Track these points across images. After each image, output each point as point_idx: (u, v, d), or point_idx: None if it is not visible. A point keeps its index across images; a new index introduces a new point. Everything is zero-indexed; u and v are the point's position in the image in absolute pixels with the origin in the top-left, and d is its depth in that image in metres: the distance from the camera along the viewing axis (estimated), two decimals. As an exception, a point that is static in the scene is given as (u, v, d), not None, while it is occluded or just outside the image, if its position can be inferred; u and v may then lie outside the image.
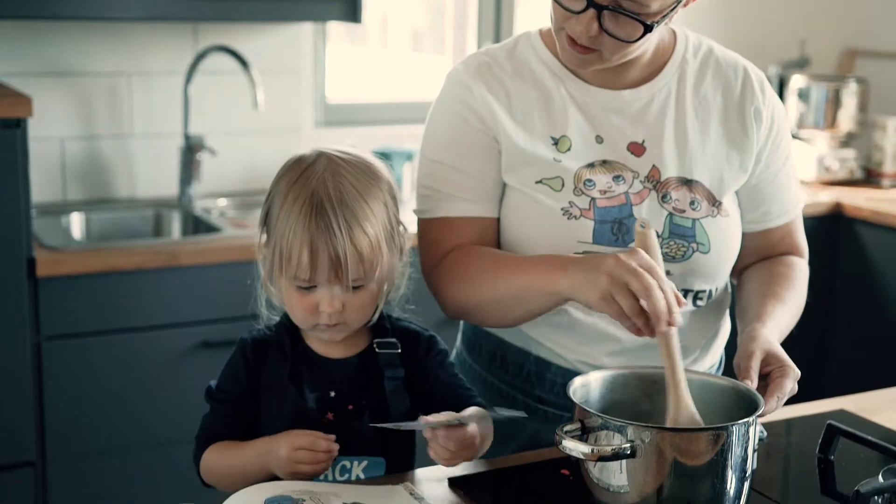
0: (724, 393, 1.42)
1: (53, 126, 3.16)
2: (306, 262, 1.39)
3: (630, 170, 1.60)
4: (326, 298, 1.41)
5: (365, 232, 1.40)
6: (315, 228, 1.39)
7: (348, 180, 1.42)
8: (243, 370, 1.47)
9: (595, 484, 1.31)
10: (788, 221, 1.75)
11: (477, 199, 1.62)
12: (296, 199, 1.41)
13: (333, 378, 1.47)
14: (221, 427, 1.48)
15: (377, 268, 1.42)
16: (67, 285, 2.67)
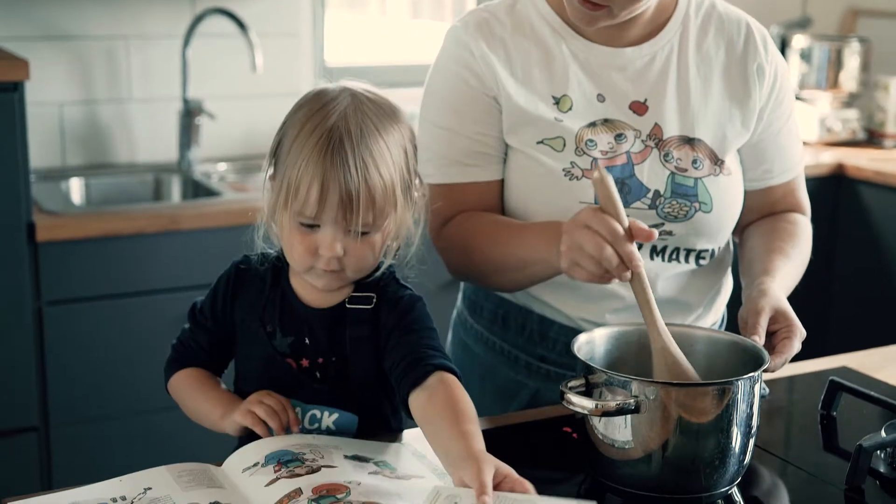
0: (729, 348, 1.42)
1: (51, 91, 3.15)
2: (315, 198, 1.31)
3: (632, 128, 1.59)
4: (328, 241, 1.33)
5: (381, 174, 1.32)
6: (329, 163, 1.30)
7: (370, 119, 1.33)
8: (221, 298, 1.44)
9: (600, 440, 1.31)
10: (790, 179, 1.74)
11: (479, 163, 1.61)
12: (313, 131, 1.32)
13: (307, 325, 1.42)
14: (195, 349, 1.47)
15: (387, 216, 1.35)
16: (67, 250, 2.66)
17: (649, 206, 1.58)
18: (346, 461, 1.32)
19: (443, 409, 1.29)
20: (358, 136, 1.31)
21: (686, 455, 1.28)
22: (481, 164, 1.61)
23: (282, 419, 1.37)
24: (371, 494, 1.23)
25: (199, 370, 1.47)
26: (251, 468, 1.32)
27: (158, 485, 1.29)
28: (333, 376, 1.42)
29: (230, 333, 1.46)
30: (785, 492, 1.40)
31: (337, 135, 1.31)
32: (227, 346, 1.47)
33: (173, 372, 1.48)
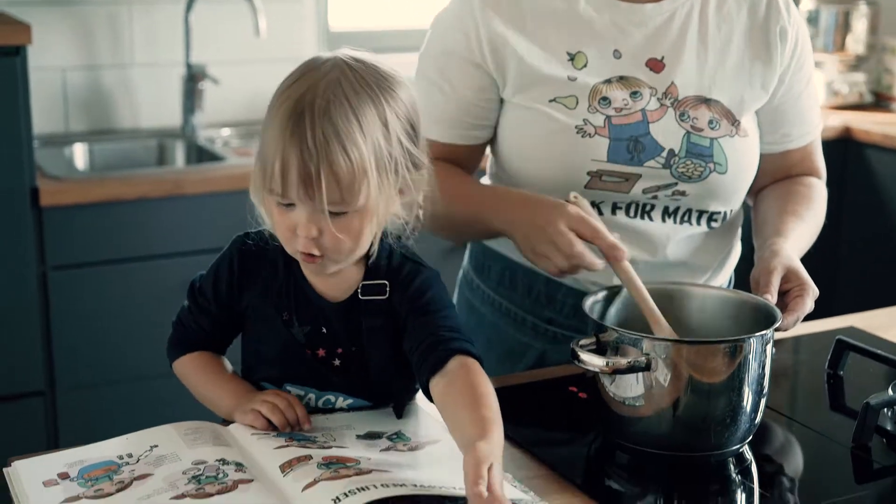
0: (741, 307, 1.41)
1: (54, 56, 3.13)
2: (278, 173, 1.23)
3: (648, 86, 1.57)
4: (302, 220, 1.25)
5: (346, 151, 1.22)
6: (289, 137, 1.22)
7: (344, 91, 1.24)
8: (226, 283, 1.38)
9: (611, 398, 1.31)
10: (808, 143, 1.73)
11: (450, 125, 1.61)
12: (282, 104, 1.24)
13: (324, 315, 1.37)
14: (198, 331, 1.42)
15: (360, 195, 1.24)
16: (71, 215, 2.66)
17: (663, 165, 1.56)
18: (358, 441, 1.31)
19: (461, 394, 1.25)
20: (322, 109, 1.22)
21: (697, 413, 1.28)
22: (452, 127, 1.61)
23: (288, 416, 1.33)
24: (382, 464, 1.23)
25: (206, 354, 1.43)
26: (260, 433, 1.31)
27: (165, 442, 1.29)
28: (354, 367, 1.38)
29: (235, 317, 1.40)
30: (795, 450, 1.40)
31: (299, 108, 1.22)
32: (231, 329, 1.43)
33: (178, 354, 1.44)
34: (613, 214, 1.60)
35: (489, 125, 1.63)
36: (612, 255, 1.41)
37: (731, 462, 1.31)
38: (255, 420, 1.32)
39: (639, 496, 1.26)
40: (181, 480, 1.19)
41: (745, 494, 1.27)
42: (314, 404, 1.39)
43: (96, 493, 1.18)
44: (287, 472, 1.20)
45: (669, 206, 1.61)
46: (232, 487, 1.17)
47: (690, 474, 1.29)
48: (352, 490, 1.13)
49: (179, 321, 1.44)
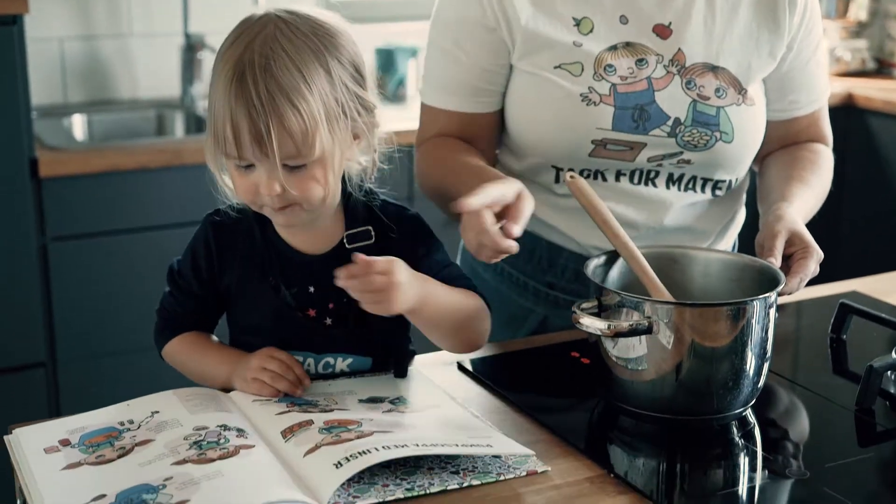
0: (745, 270, 1.40)
1: (51, 26, 3.11)
2: (230, 136, 1.24)
3: (654, 53, 1.56)
4: (263, 179, 1.26)
5: (293, 104, 1.23)
6: (234, 99, 1.22)
7: (282, 46, 1.24)
8: (205, 260, 1.38)
9: (613, 362, 1.30)
10: (816, 110, 1.71)
11: (465, 94, 1.59)
12: (223, 67, 1.25)
13: (311, 273, 1.37)
14: (183, 314, 1.42)
15: (314, 146, 1.25)
16: (71, 186, 2.65)
17: (668, 133, 1.55)
18: (360, 404, 1.31)
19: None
20: (263, 66, 1.23)
21: (700, 377, 1.27)
22: (467, 95, 1.59)
23: (289, 378, 1.33)
24: (383, 425, 1.23)
25: (193, 334, 1.42)
26: (263, 400, 1.31)
27: (166, 408, 1.29)
28: (348, 321, 1.38)
29: (219, 295, 1.40)
30: (798, 414, 1.39)
31: (240, 68, 1.23)
32: (215, 308, 1.42)
33: (166, 340, 1.43)
34: (617, 181, 1.59)
35: (503, 91, 1.61)
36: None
37: (734, 426, 1.31)
38: (262, 389, 1.32)
39: (641, 460, 1.26)
40: (182, 446, 1.19)
41: (748, 458, 1.27)
42: (314, 370, 1.39)
43: (98, 459, 1.18)
44: (288, 437, 1.20)
45: (674, 174, 1.60)
46: (234, 453, 1.17)
47: (693, 438, 1.29)
48: (353, 454, 1.13)
49: (163, 308, 1.44)
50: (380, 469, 1.16)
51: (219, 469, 1.13)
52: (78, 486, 1.13)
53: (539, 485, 1.17)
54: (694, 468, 1.25)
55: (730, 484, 1.22)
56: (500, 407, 1.36)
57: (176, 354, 1.43)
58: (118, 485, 1.12)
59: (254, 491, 1.09)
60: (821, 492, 1.17)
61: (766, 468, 1.23)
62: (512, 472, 1.18)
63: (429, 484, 1.15)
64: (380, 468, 1.15)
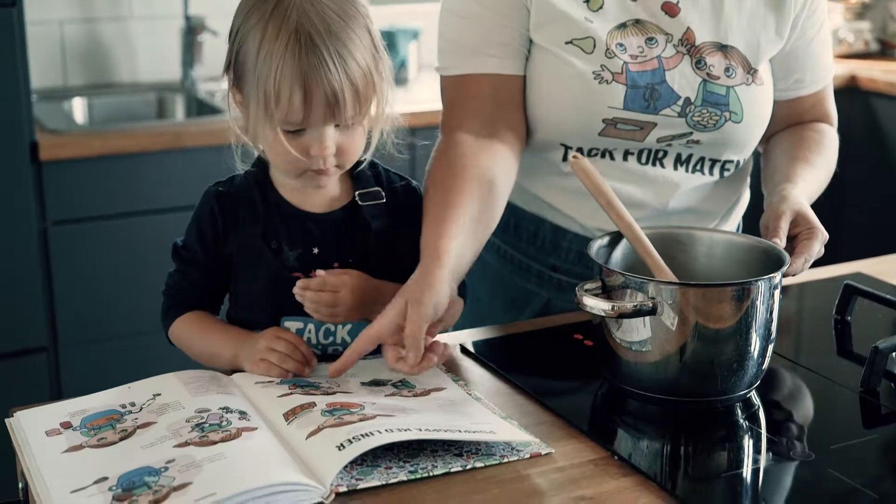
0: (749, 251, 1.39)
1: (51, 9, 3.10)
2: (299, 103, 1.26)
3: (663, 32, 1.54)
4: (318, 141, 1.29)
5: (358, 62, 1.28)
6: (307, 65, 1.25)
7: (329, 6, 1.28)
8: (210, 229, 1.39)
9: (617, 344, 1.29)
10: (820, 89, 1.70)
11: (499, 55, 1.54)
12: (277, 35, 1.26)
13: (314, 234, 1.39)
14: (189, 289, 1.42)
15: (370, 101, 1.31)
16: (71, 169, 2.64)
17: (679, 113, 1.54)
18: (363, 387, 1.31)
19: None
20: (326, 29, 1.26)
21: (704, 358, 1.27)
22: (500, 56, 1.54)
23: (296, 358, 1.33)
24: (386, 408, 1.22)
25: (198, 313, 1.42)
26: (265, 382, 1.31)
27: (168, 391, 1.28)
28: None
29: (225, 265, 1.40)
30: (803, 395, 1.39)
31: (305, 34, 1.26)
32: (222, 279, 1.42)
33: (172, 319, 1.43)
34: (625, 160, 1.58)
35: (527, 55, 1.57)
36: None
37: (738, 407, 1.30)
38: (269, 370, 1.32)
39: (645, 442, 1.25)
40: (184, 428, 1.18)
41: (752, 440, 1.26)
42: (315, 338, 1.39)
43: (99, 442, 1.18)
44: (291, 420, 1.19)
45: (682, 154, 1.59)
46: (236, 435, 1.16)
47: (697, 420, 1.28)
48: (356, 437, 1.13)
49: (168, 287, 1.45)
50: (383, 452, 1.15)
51: (221, 451, 1.13)
52: (80, 469, 1.12)
53: (543, 467, 1.17)
54: (698, 450, 1.25)
55: (734, 466, 1.21)
56: (504, 389, 1.36)
57: (182, 334, 1.43)
58: (120, 467, 1.12)
59: (256, 473, 1.09)
60: (825, 473, 1.16)
61: (771, 450, 1.23)
62: (515, 455, 1.18)
63: (432, 466, 1.14)
64: (383, 451, 1.15)
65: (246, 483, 1.07)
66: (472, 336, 1.51)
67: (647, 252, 1.36)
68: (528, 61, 1.57)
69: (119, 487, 1.08)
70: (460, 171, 1.46)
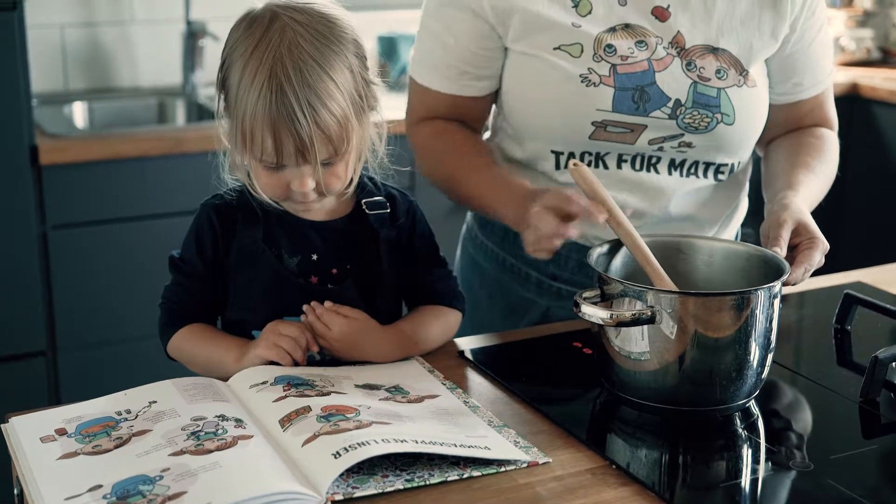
0: (749, 260, 1.39)
1: (52, 12, 3.10)
2: (270, 147, 1.28)
3: (653, 35, 1.54)
4: (297, 178, 1.32)
5: (331, 111, 1.28)
6: (276, 113, 1.26)
7: (307, 51, 1.28)
8: (210, 239, 1.39)
9: (616, 352, 1.29)
10: (820, 93, 1.70)
11: (453, 77, 1.59)
12: (254, 77, 1.27)
13: (315, 241, 1.40)
14: (188, 301, 1.42)
15: (348, 143, 1.32)
16: (71, 173, 2.64)
17: (669, 115, 1.54)
18: (357, 389, 1.31)
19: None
20: (298, 77, 1.27)
21: (703, 367, 1.26)
22: (455, 79, 1.59)
23: (301, 345, 1.35)
24: (381, 415, 1.22)
25: (198, 325, 1.42)
26: (259, 385, 1.30)
27: (164, 398, 1.27)
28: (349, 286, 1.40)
29: (223, 276, 1.41)
30: (802, 405, 1.38)
31: (277, 81, 1.26)
32: (222, 290, 1.42)
33: (172, 332, 1.43)
34: (619, 168, 1.58)
35: (493, 75, 1.60)
36: (593, 219, 1.36)
37: (737, 417, 1.30)
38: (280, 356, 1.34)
39: (644, 451, 1.25)
40: (180, 437, 1.18)
41: (751, 449, 1.26)
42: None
43: (94, 449, 1.17)
44: (287, 426, 1.19)
45: (676, 159, 1.58)
46: (232, 443, 1.16)
47: (696, 429, 1.28)
48: (352, 445, 1.12)
49: (166, 301, 1.45)
50: (379, 460, 1.15)
51: (216, 460, 1.12)
52: (74, 476, 1.12)
53: (540, 476, 1.16)
54: (696, 459, 1.24)
55: (733, 476, 1.20)
56: (502, 397, 1.35)
57: (183, 346, 1.42)
58: (115, 475, 1.11)
59: (252, 482, 1.08)
60: (825, 483, 1.16)
61: (770, 460, 1.22)
62: (513, 464, 1.17)
63: (428, 475, 1.14)
64: (379, 459, 1.14)
65: (241, 492, 1.06)
66: (470, 343, 1.50)
67: (646, 260, 1.35)
68: (511, 70, 1.58)
69: (113, 495, 1.07)
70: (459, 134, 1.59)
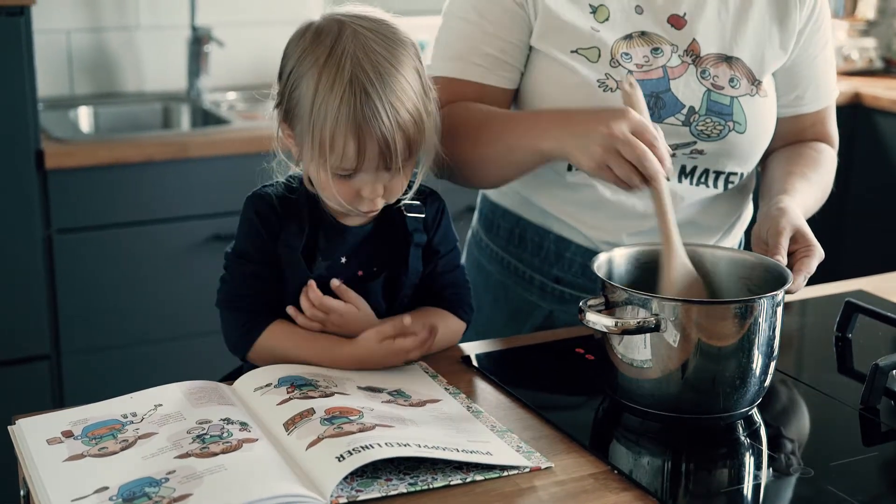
0: (751, 268, 1.39)
1: (58, 18, 3.11)
2: (353, 152, 1.29)
3: (669, 43, 1.55)
4: (369, 184, 1.33)
5: (409, 110, 1.30)
6: (361, 117, 1.27)
7: (381, 55, 1.29)
8: (264, 230, 1.39)
9: (619, 360, 1.30)
10: (821, 109, 1.71)
11: (487, 66, 1.56)
12: (333, 83, 1.28)
13: (347, 244, 1.41)
14: (266, 291, 1.39)
15: (421, 143, 1.34)
16: (77, 178, 2.65)
17: (683, 122, 1.55)
18: (360, 391, 1.31)
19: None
20: (379, 80, 1.28)
21: (706, 375, 1.27)
22: (490, 67, 1.56)
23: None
24: (385, 418, 1.23)
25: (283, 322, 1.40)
26: (263, 388, 1.31)
27: (169, 401, 1.28)
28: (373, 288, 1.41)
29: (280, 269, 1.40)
30: (803, 412, 1.39)
31: (359, 86, 1.27)
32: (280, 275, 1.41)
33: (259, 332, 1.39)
34: None
35: (520, 69, 1.59)
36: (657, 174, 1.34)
37: (739, 424, 1.30)
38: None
39: (646, 458, 1.25)
40: (185, 440, 1.18)
41: (753, 457, 1.26)
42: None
43: (100, 452, 1.18)
44: (291, 430, 1.20)
45: (687, 166, 1.60)
46: (236, 447, 1.17)
47: (699, 437, 1.28)
48: (356, 448, 1.13)
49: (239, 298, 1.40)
50: (383, 464, 1.15)
51: (221, 463, 1.13)
52: (80, 478, 1.13)
53: (543, 480, 1.17)
54: (699, 466, 1.25)
55: (734, 482, 1.21)
56: (505, 402, 1.36)
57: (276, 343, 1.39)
58: (121, 477, 1.12)
59: (256, 485, 1.09)
60: (825, 490, 1.16)
61: (771, 466, 1.23)
62: (515, 468, 1.18)
63: (432, 479, 1.15)
64: (383, 463, 1.15)
65: (246, 494, 1.07)
66: (474, 349, 1.51)
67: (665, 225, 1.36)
68: (531, 70, 1.58)
69: (119, 497, 1.08)
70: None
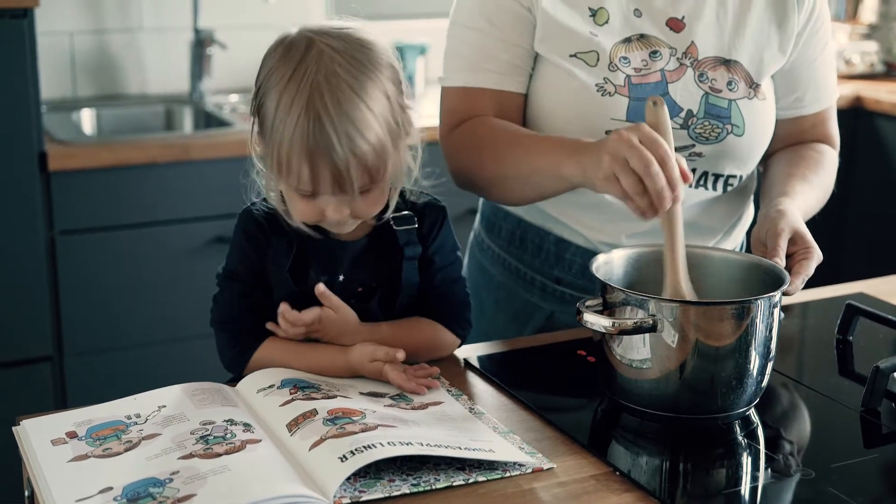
0: (749, 270, 1.40)
1: (62, 20, 3.12)
2: (307, 176, 1.28)
3: (667, 46, 1.56)
4: (332, 206, 1.31)
5: (367, 140, 1.27)
6: (314, 143, 1.25)
7: (344, 79, 1.27)
8: (252, 250, 1.39)
9: (618, 361, 1.30)
10: (821, 110, 1.72)
11: (502, 71, 1.57)
12: (290, 105, 1.26)
13: (342, 260, 1.40)
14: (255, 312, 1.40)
15: (384, 170, 1.31)
16: (79, 180, 2.66)
17: (681, 125, 1.56)
18: (362, 396, 1.32)
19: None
20: (336, 107, 1.25)
21: (704, 375, 1.27)
22: (505, 73, 1.57)
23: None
24: (387, 419, 1.23)
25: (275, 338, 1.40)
26: (266, 389, 1.32)
27: (173, 403, 1.29)
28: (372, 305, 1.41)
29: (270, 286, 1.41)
30: (803, 414, 1.40)
31: (314, 112, 1.25)
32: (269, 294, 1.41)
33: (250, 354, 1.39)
34: None
35: (530, 74, 1.59)
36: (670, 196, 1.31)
37: (737, 425, 1.31)
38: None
39: (646, 458, 1.26)
40: (189, 440, 1.19)
41: (751, 457, 1.27)
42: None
43: (104, 452, 1.19)
44: (294, 430, 1.20)
45: None
46: (240, 447, 1.17)
47: (697, 437, 1.29)
48: (358, 448, 1.14)
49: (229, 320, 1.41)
50: (385, 464, 1.16)
51: (225, 464, 1.13)
52: (85, 478, 1.13)
53: (544, 482, 1.18)
54: (698, 467, 1.25)
55: (733, 483, 1.22)
56: (506, 404, 1.36)
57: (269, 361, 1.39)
58: (125, 478, 1.13)
59: (259, 486, 1.09)
60: (825, 492, 1.17)
61: (770, 468, 1.23)
62: (518, 469, 1.19)
63: (434, 480, 1.15)
64: (386, 463, 1.16)
65: (250, 495, 1.07)
66: (476, 351, 1.52)
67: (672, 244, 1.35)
68: (534, 75, 1.59)
69: (124, 497, 1.09)
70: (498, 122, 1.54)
